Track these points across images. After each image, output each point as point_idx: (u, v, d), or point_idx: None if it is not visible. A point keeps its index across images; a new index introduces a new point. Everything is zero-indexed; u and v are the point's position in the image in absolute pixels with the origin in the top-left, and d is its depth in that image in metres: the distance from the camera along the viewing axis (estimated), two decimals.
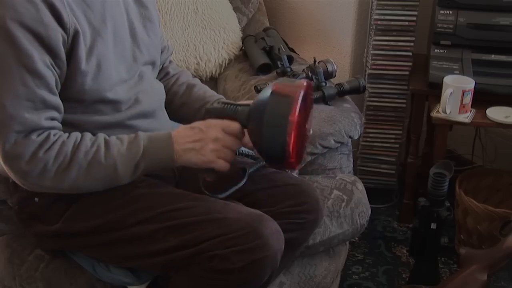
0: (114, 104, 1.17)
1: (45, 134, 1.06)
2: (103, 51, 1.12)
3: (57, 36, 1.03)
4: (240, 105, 1.12)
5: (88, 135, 1.10)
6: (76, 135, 1.09)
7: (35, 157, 1.04)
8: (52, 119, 1.08)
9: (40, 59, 1.02)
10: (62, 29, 1.04)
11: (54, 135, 1.07)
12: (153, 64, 1.30)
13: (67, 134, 1.09)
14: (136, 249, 1.16)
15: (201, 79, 1.97)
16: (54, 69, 1.06)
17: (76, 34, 1.06)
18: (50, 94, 1.05)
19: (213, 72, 1.99)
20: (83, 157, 1.07)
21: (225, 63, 1.99)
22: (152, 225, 1.13)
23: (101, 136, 1.11)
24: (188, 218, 1.12)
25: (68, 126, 1.12)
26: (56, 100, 1.07)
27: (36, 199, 1.18)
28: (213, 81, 2.02)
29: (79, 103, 1.13)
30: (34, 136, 1.05)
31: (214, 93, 1.41)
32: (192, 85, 1.41)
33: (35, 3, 1.01)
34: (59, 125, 1.10)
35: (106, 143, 1.09)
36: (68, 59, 1.07)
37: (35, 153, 1.04)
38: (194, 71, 1.95)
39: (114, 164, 1.08)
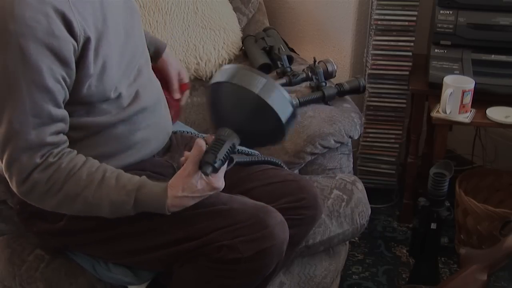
0: (117, 101, 1.17)
1: (47, 155, 1.06)
2: (107, 51, 1.12)
3: (69, 46, 1.03)
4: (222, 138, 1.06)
5: (89, 164, 1.09)
6: (77, 161, 1.09)
7: (29, 176, 1.05)
8: (58, 132, 1.08)
9: (50, 75, 1.02)
10: (73, 38, 1.04)
11: (55, 156, 1.07)
12: (146, 56, 1.30)
13: (68, 158, 1.08)
14: (142, 243, 1.16)
15: (201, 79, 1.97)
16: (65, 81, 1.06)
17: (86, 40, 1.06)
18: (56, 109, 1.06)
19: (213, 72, 1.98)
20: (72, 189, 1.07)
21: (225, 63, 1.99)
22: (157, 218, 1.13)
23: (102, 169, 1.09)
24: (194, 210, 1.12)
25: (73, 129, 1.12)
26: (63, 113, 1.08)
27: None
28: None
29: (86, 105, 1.13)
30: (37, 159, 1.05)
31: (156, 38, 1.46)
32: None
33: (46, 15, 1.00)
34: (64, 137, 1.10)
35: (101, 179, 1.08)
36: (77, 66, 1.07)
37: (30, 173, 1.05)
38: (194, 71, 1.95)
39: (98, 205, 1.08)
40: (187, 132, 1.43)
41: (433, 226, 1.64)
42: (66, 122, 1.09)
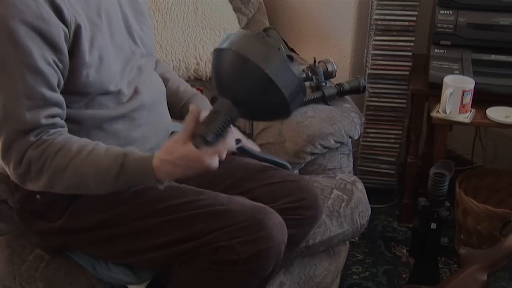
0: (117, 96, 1.17)
1: (42, 134, 1.06)
2: (102, 44, 1.12)
3: (59, 31, 1.04)
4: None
5: (82, 140, 1.09)
6: (71, 138, 1.08)
7: (24, 154, 1.05)
8: (53, 116, 1.07)
9: (41, 57, 1.03)
10: (64, 24, 1.04)
11: (50, 135, 1.07)
12: (150, 55, 1.31)
13: (63, 136, 1.08)
14: (140, 243, 1.16)
15: (201, 79, 1.97)
16: (57, 65, 1.06)
17: (78, 28, 1.07)
18: (50, 91, 1.05)
19: None
20: (61, 160, 1.05)
21: None
22: (156, 219, 1.14)
23: (94, 143, 1.09)
24: (192, 211, 1.13)
25: (72, 122, 1.12)
26: (57, 96, 1.07)
27: (38, 196, 1.19)
28: None
29: (84, 96, 1.13)
30: (32, 137, 1.05)
31: (188, 87, 1.42)
32: (166, 79, 1.40)
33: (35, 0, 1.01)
34: (61, 121, 1.10)
35: (91, 150, 1.06)
36: (71, 53, 1.07)
37: (25, 151, 1.05)
38: (194, 71, 1.95)
39: (84, 174, 1.05)
40: None
41: (433, 226, 1.64)
42: (62, 107, 1.09)
